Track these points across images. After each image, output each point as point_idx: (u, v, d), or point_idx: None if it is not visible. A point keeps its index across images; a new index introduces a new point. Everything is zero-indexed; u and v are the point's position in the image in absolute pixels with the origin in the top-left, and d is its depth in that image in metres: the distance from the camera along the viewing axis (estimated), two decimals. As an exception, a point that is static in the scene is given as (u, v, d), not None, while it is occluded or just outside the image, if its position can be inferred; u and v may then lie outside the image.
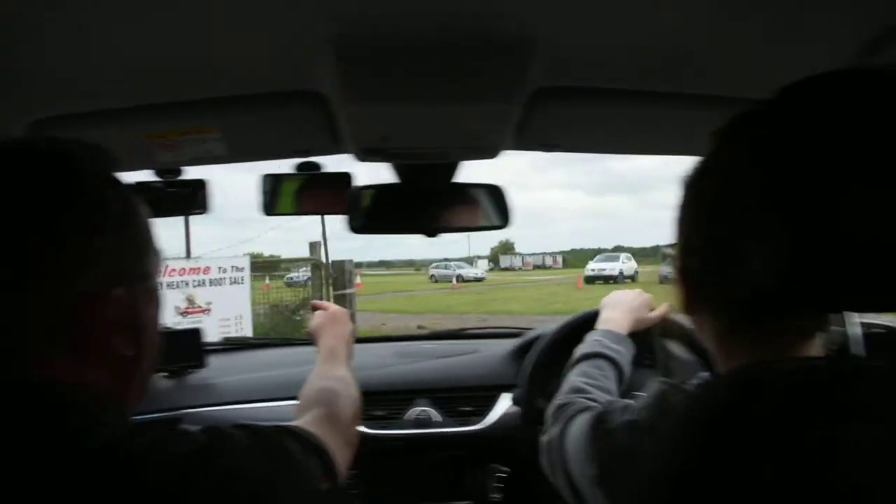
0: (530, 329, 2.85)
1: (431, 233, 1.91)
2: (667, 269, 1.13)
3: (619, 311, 1.84)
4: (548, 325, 2.52)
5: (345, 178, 1.88)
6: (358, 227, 1.87)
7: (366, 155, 1.66)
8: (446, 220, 1.91)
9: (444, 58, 1.22)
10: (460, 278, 47.91)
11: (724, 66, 1.34)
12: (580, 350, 1.66)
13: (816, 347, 0.87)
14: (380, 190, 1.88)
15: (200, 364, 2.71)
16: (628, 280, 39.69)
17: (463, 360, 2.73)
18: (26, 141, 0.83)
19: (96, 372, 0.82)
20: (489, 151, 1.67)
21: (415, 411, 2.44)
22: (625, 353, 1.66)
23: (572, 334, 2.29)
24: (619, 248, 46.28)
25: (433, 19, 1.11)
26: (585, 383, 1.50)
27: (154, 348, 0.93)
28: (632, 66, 1.34)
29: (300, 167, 1.90)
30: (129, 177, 1.94)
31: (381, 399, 2.47)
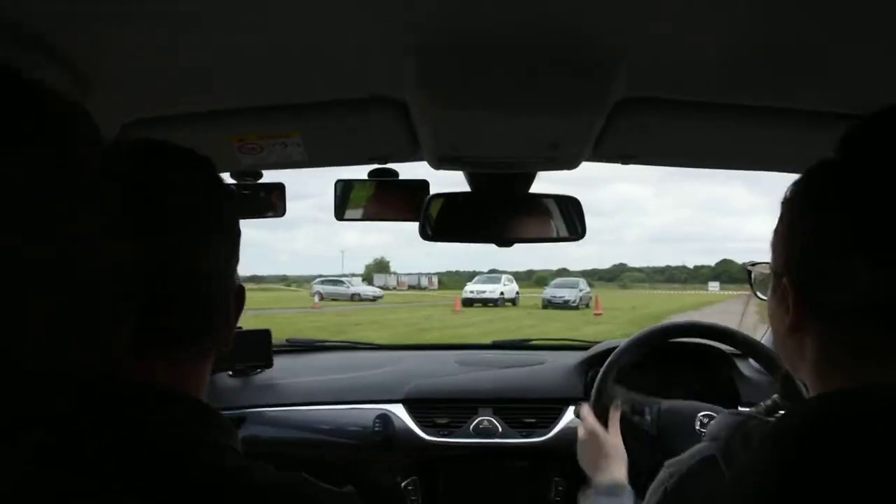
0: (597, 342, 2.82)
1: (504, 243, 1.91)
2: (567, 293, 1.11)
3: (600, 461, 1.85)
4: (618, 340, 2.49)
5: (421, 185, 1.90)
6: (430, 234, 1.87)
7: (441, 162, 1.67)
8: (519, 230, 1.91)
9: (526, 68, 1.21)
10: (357, 297, 43.04)
11: (808, 80, 1.31)
12: None
13: None
14: (453, 198, 1.89)
15: (268, 364, 2.74)
16: (508, 304, 37.50)
17: (527, 371, 2.72)
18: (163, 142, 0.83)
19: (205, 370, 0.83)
20: (567, 163, 1.67)
21: (478, 420, 2.44)
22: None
23: (641, 350, 2.27)
24: (494, 272, 43.60)
25: (516, 30, 1.11)
26: None
27: None
28: (717, 77, 1.32)
29: (374, 173, 1.92)
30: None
31: (444, 407, 2.47)
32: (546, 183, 1.88)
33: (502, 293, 38.34)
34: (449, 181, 1.97)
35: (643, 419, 2.13)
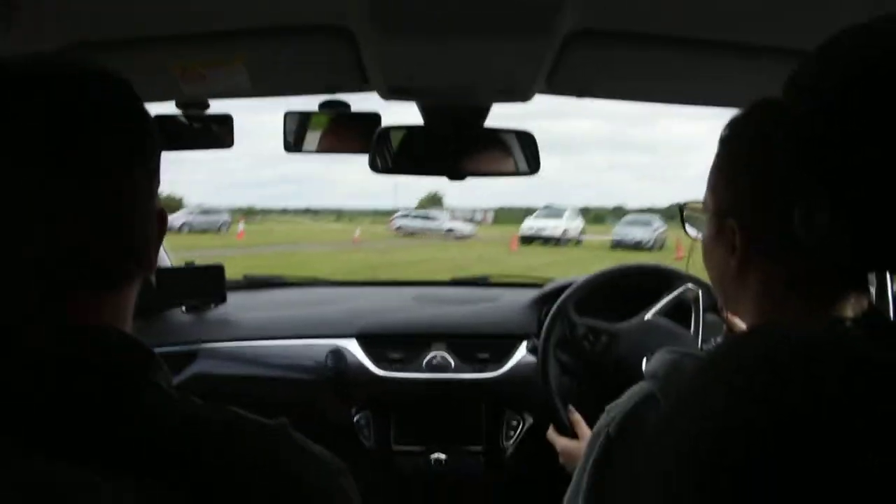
0: (556, 279, 2.82)
1: (457, 176, 1.88)
2: (639, 232, 1.10)
3: None
4: (574, 277, 2.49)
5: (372, 118, 1.86)
6: (380, 167, 1.84)
7: (392, 93, 1.63)
8: (473, 164, 1.88)
9: None
10: (451, 233, 35.00)
11: (768, 14, 1.28)
12: None
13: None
14: (406, 131, 1.85)
15: (222, 299, 2.71)
16: (570, 242, 30.71)
17: (482, 307, 2.72)
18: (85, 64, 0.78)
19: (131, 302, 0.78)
20: (520, 94, 1.63)
21: (431, 355, 2.43)
22: None
23: (599, 289, 2.28)
24: (549, 207, 37.45)
25: None
26: None
27: None
28: (673, 9, 1.29)
29: (325, 105, 1.87)
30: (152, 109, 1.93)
31: (398, 342, 2.47)
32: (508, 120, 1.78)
33: (566, 230, 31.69)
34: (402, 115, 1.93)
35: (595, 345, 2.15)
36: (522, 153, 1.88)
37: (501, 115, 1.80)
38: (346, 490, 0.75)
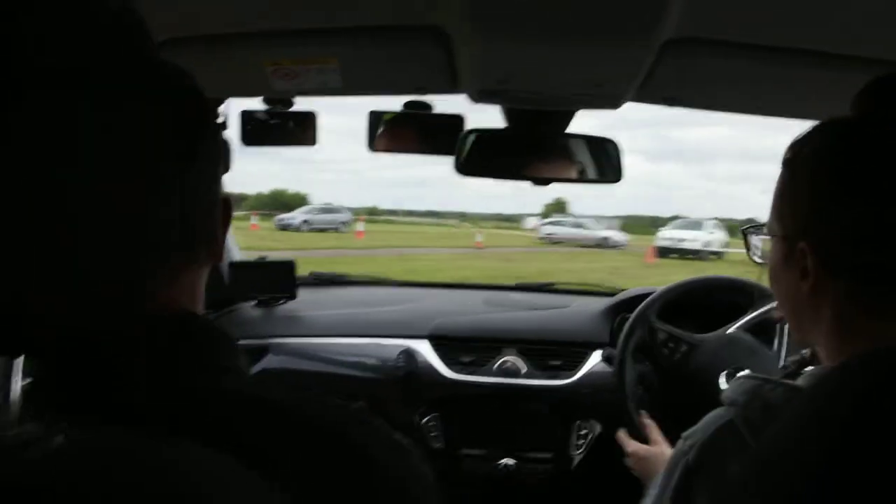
0: (624, 290, 2.80)
1: (539, 182, 1.87)
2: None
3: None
4: (651, 287, 2.46)
5: (456, 120, 1.86)
6: (464, 169, 1.83)
7: (483, 97, 1.62)
8: (555, 169, 1.87)
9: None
10: (606, 242, 31.36)
11: (867, 25, 1.25)
12: None
13: None
14: (489, 134, 1.84)
15: (292, 296, 2.74)
16: (713, 257, 27.55)
17: (554, 313, 2.70)
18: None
19: (201, 283, 0.78)
20: (610, 101, 1.62)
21: (502, 360, 2.42)
22: None
23: (683, 298, 2.25)
24: (677, 218, 35.35)
25: None
26: None
27: None
28: (771, 17, 1.27)
29: (410, 105, 1.87)
30: (237, 104, 1.95)
31: (469, 345, 2.47)
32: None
33: (707, 242, 28.65)
34: (484, 118, 1.92)
35: (674, 353, 2.12)
36: (605, 161, 1.86)
37: (599, 126, 1.79)
38: (425, 475, 0.73)
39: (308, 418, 0.69)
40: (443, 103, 1.88)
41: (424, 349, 2.44)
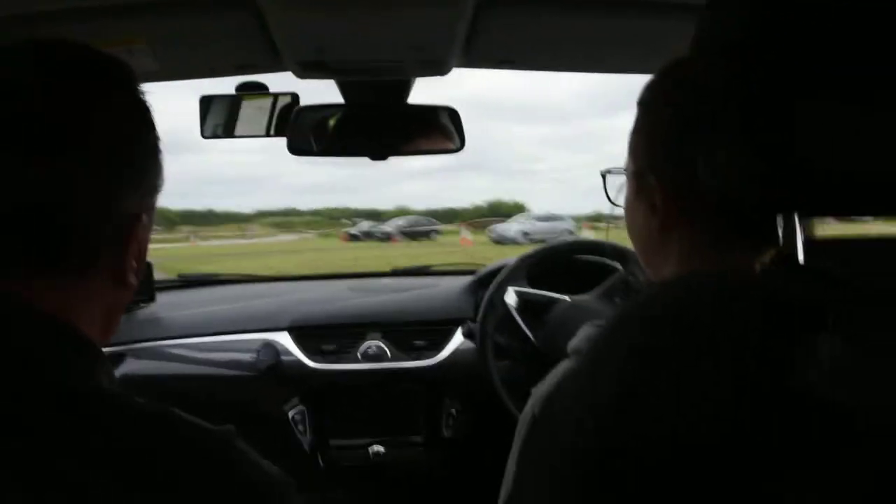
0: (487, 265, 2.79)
1: (378, 156, 1.83)
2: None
3: None
4: (507, 259, 2.45)
5: (290, 98, 1.80)
6: (298, 148, 1.78)
7: (305, 70, 1.57)
8: (397, 142, 1.83)
9: None
10: None
11: None
12: None
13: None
14: (323, 110, 1.80)
15: (151, 298, 2.63)
16: None
17: (418, 294, 2.67)
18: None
19: (97, 305, 0.75)
20: (437, 67, 1.59)
21: (366, 346, 2.38)
22: None
23: (538, 264, 2.25)
24: None
25: None
26: None
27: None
28: None
29: (242, 88, 1.81)
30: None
31: (332, 333, 2.41)
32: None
33: None
34: (322, 96, 1.87)
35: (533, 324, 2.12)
36: (445, 129, 1.84)
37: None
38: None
39: (176, 439, 0.67)
40: (279, 85, 1.84)
41: (285, 341, 2.37)
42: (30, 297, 0.68)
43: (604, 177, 1.11)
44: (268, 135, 1.84)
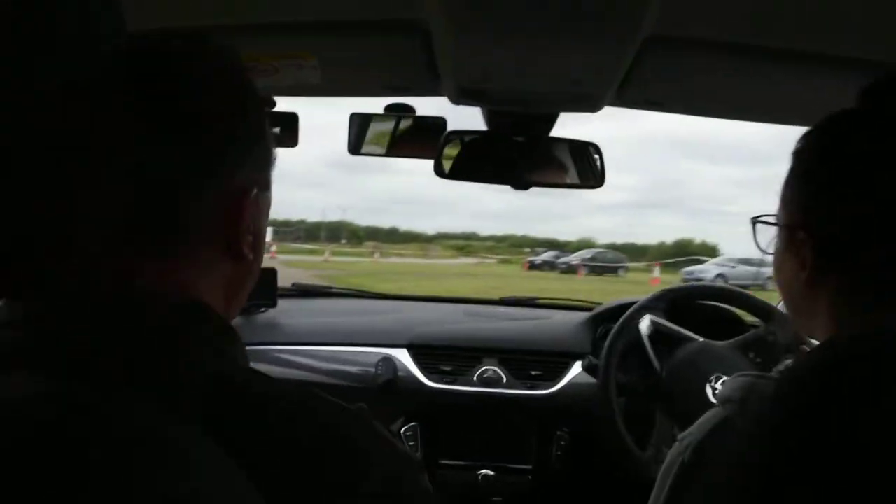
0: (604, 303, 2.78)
1: (521, 186, 1.86)
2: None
3: None
4: (628, 297, 2.44)
5: (438, 122, 1.85)
6: (444, 172, 1.82)
7: (463, 96, 1.61)
8: (537, 173, 1.86)
9: None
10: None
11: (851, 24, 1.24)
12: None
13: None
14: (471, 136, 1.83)
15: (272, 304, 2.71)
16: None
17: (535, 324, 2.68)
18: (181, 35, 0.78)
19: (215, 279, 0.77)
20: (590, 103, 1.61)
21: (482, 370, 2.39)
22: None
23: (662, 305, 2.23)
24: None
25: None
26: None
27: (261, 262, 0.86)
28: (756, 16, 1.26)
29: (391, 108, 1.87)
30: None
31: (449, 355, 2.44)
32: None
33: None
34: (466, 123, 1.91)
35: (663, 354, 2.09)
36: (586, 164, 1.85)
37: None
38: (420, 481, 0.72)
39: (305, 409, 0.68)
40: (425, 108, 1.89)
41: (404, 358, 2.41)
42: (152, 276, 0.70)
43: (754, 224, 1.10)
44: (414, 156, 1.89)
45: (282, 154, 0.86)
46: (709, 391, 1.96)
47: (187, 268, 0.74)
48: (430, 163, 1.85)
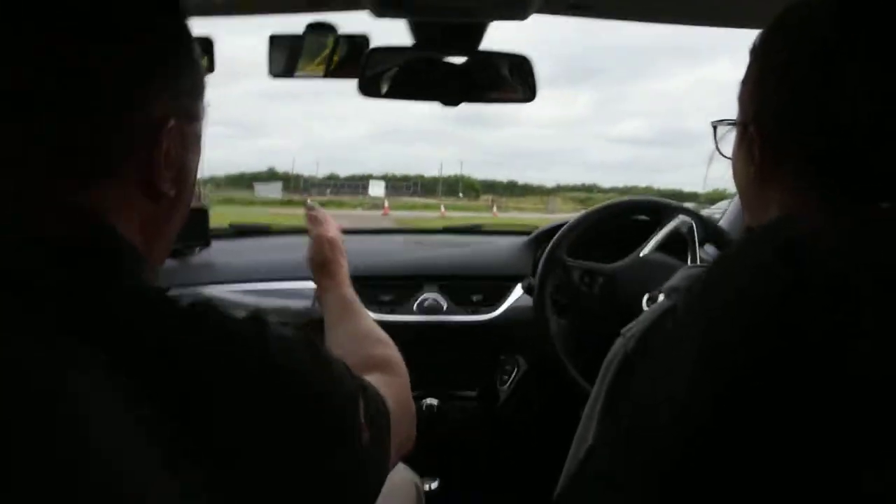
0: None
1: (450, 102, 1.79)
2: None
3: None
4: (567, 216, 2.41)
5: (361, 39, 1.77)
6: (370, 90, 1.75)
7: (384, 8, 1.53)
8: (468, 89, 1.79)
9: None
10: None
11: None
12: None
13: None
14: (396, 52, 1.76)
15: (206, 243, 2.63)
16: None
17: (475, 249, 2.65)
18: None
19: (134, 213, 0.73)
20: (517, 10, 1.53)
21: (423, 297, 2.36)
22: None
23: (591, 228, 2.20)
24: None
25: None
26: None
27: (189, 200, 0.84)
28: None
29: (312, 28, 1.78)
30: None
31: (389, 284, 2.39)
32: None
33: None
34: (390, 39, 1.84)
35: (592, 287, 2.07)
36: (518, 78, 1.79)
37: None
38: (340, 379, 0.74)
39: (216, 325, 0.67)
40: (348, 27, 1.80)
41: None
42: (60, 196, 0.67)
43: (715, 128, 1.09)
44: (335, 76, 1.81)
45: (395, 108, 0.81)
46: (644, 306, 1.94)
47: (105, 201, 0.70)
48: (545, 114, 1.76)
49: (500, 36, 1.75)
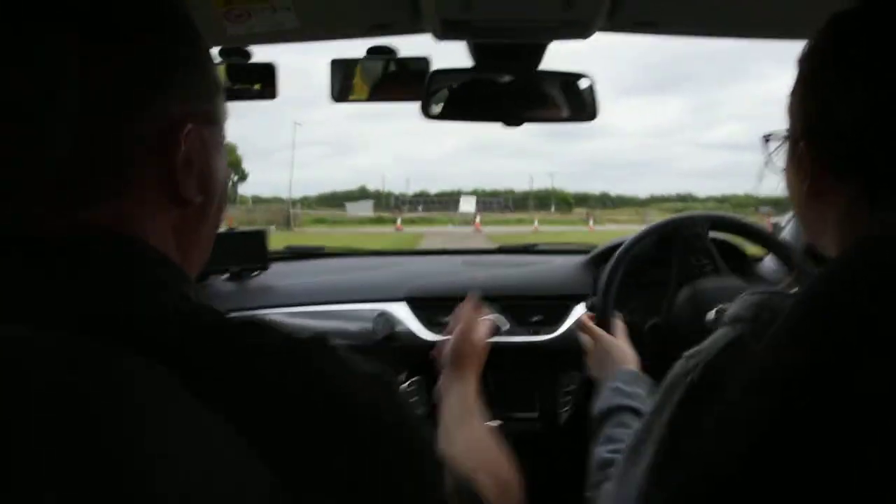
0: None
1: (512, 122, 1.79)
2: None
3: (608, 365, 1.69)
4: (627, 236, 2.39)
5: (421, 62, 1.79)
6: (434, 113, 1.76)
7: (446, 31, 1.54)
8: (529, 109, 1.79)
9: None
10: None
11: None
12: (597, 407, 1.52)
13: None
14: (457, 74, 1.77)
15: (264, 267, 2.66)
16: None
17: (534, 269, 2.63)
18: None
19: (160, 222, 0.71)
20: (579, 30, 1.53)
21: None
22: (643, 395, 1.51)
23: (652, 240, 2.18)
24: None
25: None
26: (612, 452, 1.33)
27: (221, 203, 0.81)
28: None
29: (373, 52, 1.80)
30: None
31: (447, 305, 2.38)
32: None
33: None
34: (451, 62, 1.85)
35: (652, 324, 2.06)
36: (578, 97, 1.79)
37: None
38: (401, 405, 0.69)
39: (252, 341, 0.64)
40: (407, 51, 1.82)
41: (402, 311, 2.36)
42: (94, 220, 0.65)
43: (766, 141, 1.06)
44: (400, 99, 1.83)
45: (488, 127, 0.81)
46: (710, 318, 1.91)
47: (130, 211, 0.68)
48: (635, 123, 1.78)
49: (575, 48, 1.75)
